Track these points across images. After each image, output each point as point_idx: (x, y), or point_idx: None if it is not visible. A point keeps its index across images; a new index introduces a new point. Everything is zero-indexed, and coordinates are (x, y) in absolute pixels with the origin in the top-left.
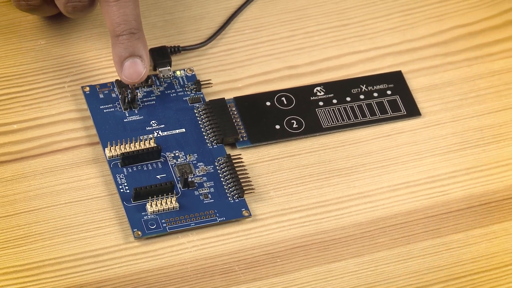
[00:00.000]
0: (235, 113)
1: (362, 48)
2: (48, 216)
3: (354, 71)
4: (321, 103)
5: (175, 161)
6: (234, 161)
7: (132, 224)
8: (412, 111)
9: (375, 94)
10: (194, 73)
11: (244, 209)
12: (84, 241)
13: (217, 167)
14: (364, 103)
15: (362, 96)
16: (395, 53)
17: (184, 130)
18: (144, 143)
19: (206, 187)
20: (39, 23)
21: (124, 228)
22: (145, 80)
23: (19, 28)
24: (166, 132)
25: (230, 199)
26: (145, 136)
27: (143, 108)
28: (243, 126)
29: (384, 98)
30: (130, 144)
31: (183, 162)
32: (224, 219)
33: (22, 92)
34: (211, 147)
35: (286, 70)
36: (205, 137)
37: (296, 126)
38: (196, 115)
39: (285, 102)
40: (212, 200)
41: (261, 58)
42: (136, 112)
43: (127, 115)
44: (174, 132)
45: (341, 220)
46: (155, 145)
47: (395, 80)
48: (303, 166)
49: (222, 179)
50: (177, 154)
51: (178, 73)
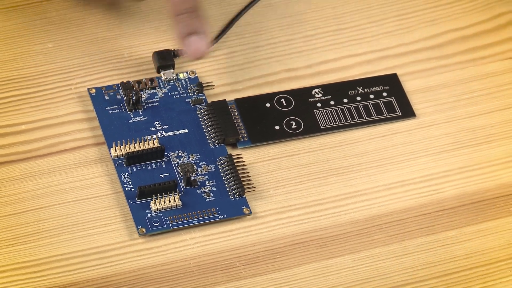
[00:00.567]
0: (236, 114)
1: (359, 52)
2: (56, 213)
3: (351, 73)
4: (319, 105)
5: (178, 160)
6: (235, 160)
7: (136, 221)
8: (407, 112)
9: (371, 96)
10: (196, 75)
11: (244, 207)
12: (90, 238)
13: (218, 167)
14: (360, 105)
15: (358, 98)
16: (391, 56)
17: (186, 130)
18: (148, 143)
19: (208, 185)
20: (47, 27)
21: (129, 225)
22: (149, 82)
23: (28, 32)
24: (169, 133)
25: (231, 197)
26: (149, 136)
27: (147, 109)
28: (244, 127)
29: (380, 99)
30: (135, 144)
31: (186, 161)
32: (226, 216)
33: (30, 93)
34: (213, 147)
35: (285, 72)
36: (207, 137)
37: (295, 126)
38: (199, 116)
39: (284, 104)
40: (213, 198)
41: (261, 61)
42: (141, 113)
43: (132, 116)
44: (177, 132)
45: (338, 217)
46: (159, 145)
47: (391, 82)
48: (301, 166)
49: (223, 178)
50: (180, 154)
51: (181, 75)
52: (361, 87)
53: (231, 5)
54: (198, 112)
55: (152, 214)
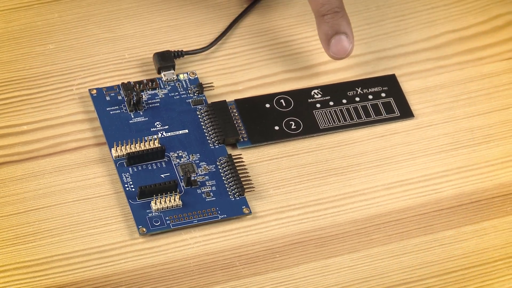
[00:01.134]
0: (236, 114)
1: (358, 53)
2: (57, 213)
3: (350, 74)
4: (318, 105)
5: (178, 160)
6: (235, 160)
7: (137, 221)
8: (406, 112)
9: (370, 97)
10: (196, 76)
11: (244, 206)
12: (91, 237)
13: (218, 167)
14: (359, 105)
15: (357, 99)
16: (389, 57)
17: (187, 131)
18: (149, 143)
19: (208, 185)
20: (48, 28)
21: (130, 225)
22: (149, 82)
23: (30, 33)
24: (170, 133)
25: (231, 197)
26: (149, 136)
27: (148, 110)
28: (244, 127)
29: (379, 100)
30: (136, 145)
31: (186, 161)
32: (226, 216)
33: (32, 94)
34: (213, 147)
35: (284, 73)
36: (207, 137)
37: (295, 127)
38: (199, 116)
39: (284, 104)
40: (214, 198)
41: (261, 62)
42: (141, 113)
43: (133, 116)
44: (177, 133)
45: (337, 217)
46: (159, 145)
47: (389, 83)
48: (301, 166)
49: (223, 178)
50: (180, 154)
51: (181, 76)
52: (359, 88)
53: (232, 6)
54: (198, 112)
55: (153, 214)
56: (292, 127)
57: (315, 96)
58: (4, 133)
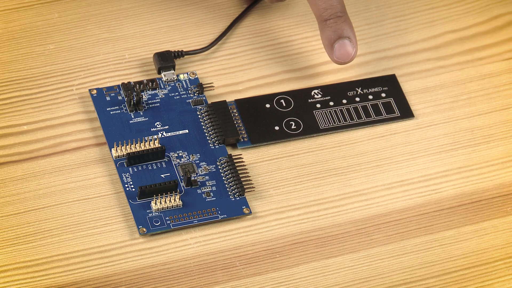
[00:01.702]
0: (236, 114)
1: (358, 53)
2: (57, 213)
3: (350, 74)
4: (318, 105)
5: (178, 160)
6: (235, 160)
7: (137, 221)
8: (406, 113)
9: (370, 97)
10: (197, 76)
11: (244, 206)
12: (91, 237)
13: (218, 167)
14: (359, 105)
15: (357, 99)
16: (389, 57)
17: (187, 131)
18: (149, 143)
19: (208, 185)
20: (48, 29)
21: (130, 225)
22: (150, 83)
23: (30, 34)
24: (170, 133)
25: (231, 197)
26: (150, 137)
27: (148, 110)
28: (244, 127)
29: (379, 100)
30: (136, 145)
31: (186, 161)
32: (226, 216)
33: (32, 94)
34: (213, 147)
35: (285, 73)
36: (207, 137)
37: (295, 127)
38: (199, 116)
39: (284, 104)
40: (214, 198)
41: (261, 62)
42: (141, 114)
43: (133, 116)
44: (177, 133)
45: (337, 217)
46: (160, 145)
47: (389, 83)
48: (301, 166)
49: (223, 178)
50: (180, 154)
51: (181, 76)
52: (360, 88)
53: (232, 7)
54: (198, 112)
55: (153, 214)
56: (292, 127)
57: (315, 96)
58: (4, 133)
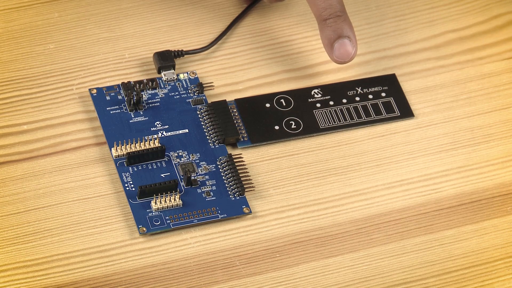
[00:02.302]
0: (236, 114)
1: (358, 52)
2: (57, 213)
3: (350, 74)
4: (318, 105)
5: (178, 160)
6: (235, 160)
7: (137, 220)
8: (406, 112)
9: (370, 96)
10: (197, 76)
11: (244, 206)
12: (91, 237)
13: (218, 166)
14: (359, 105)
15: (357, 98)
16: (389, 57)
17: (187, 130)
18: (149, 143)
19: (208, 185)
20: (48, 28)
21: (130, 224)
22: (150, 82)
23: (30, 33)
24: (170, 133)
25: (231, 196)
26: (149, 136)
27: (148, 110)
28: (244, 127)
29: (379, 100)
30: (136, 144)
31: (186, 161)
32: (226, 216)
33: (32, 94)
34: (213, 147)
35: (285, 73)
36: (207, 137)
37: (295, 126)
38: (199, 116)
39: (284, 104)
40: (214, 198)
41: (261, 62)
42: (141, 113)
43: (133, 116)
44: (177, 132)
45: (337, 217)
46: (160, 145)
47: (389, 83)
48: (301, 165)
49: (223, 178)
50: (180, 154)
51: (181, 76)
52: (360, 88)
53: (231, 6)
54: (198, 112)
55: (153, 214)
56: (292, 126)
57: (315, 95)
58: (4, 133)
